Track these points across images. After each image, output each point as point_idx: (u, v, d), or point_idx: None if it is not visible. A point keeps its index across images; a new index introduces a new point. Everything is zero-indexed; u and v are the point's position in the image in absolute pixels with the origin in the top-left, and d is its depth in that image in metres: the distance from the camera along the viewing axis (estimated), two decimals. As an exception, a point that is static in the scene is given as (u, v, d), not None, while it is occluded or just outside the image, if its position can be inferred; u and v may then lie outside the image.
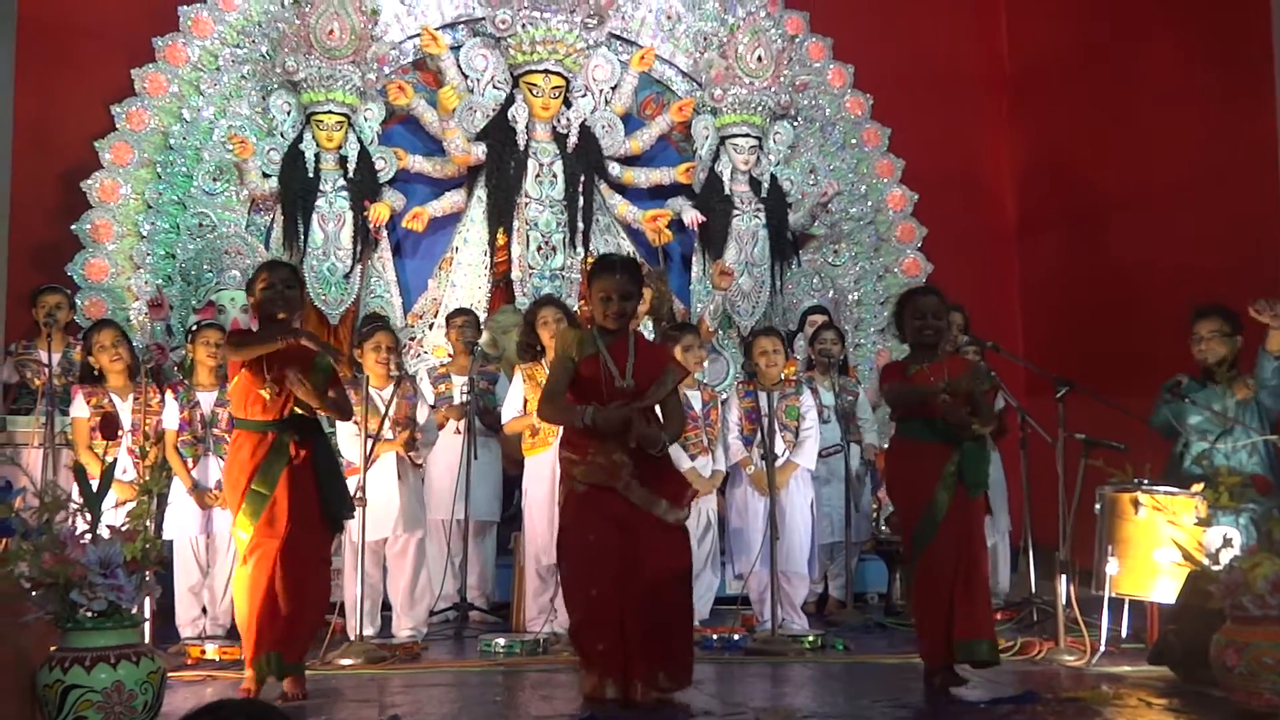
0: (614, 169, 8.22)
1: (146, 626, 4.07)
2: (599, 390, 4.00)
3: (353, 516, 4.57)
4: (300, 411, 4.20)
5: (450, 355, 6.75)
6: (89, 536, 3.27)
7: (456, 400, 6.24)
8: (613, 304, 4.05)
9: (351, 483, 5.10)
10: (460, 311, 6.74)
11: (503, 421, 5.91)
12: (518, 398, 5.82)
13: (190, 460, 5.51)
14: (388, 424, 5.45)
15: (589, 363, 4.04)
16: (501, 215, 7.84)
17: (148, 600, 3.66)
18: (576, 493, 4.02)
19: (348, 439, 5.44)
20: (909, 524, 4.38)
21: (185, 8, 7.74)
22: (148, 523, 3.57)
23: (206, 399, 5.67)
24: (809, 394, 6.10)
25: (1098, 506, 4.97)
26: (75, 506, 3.41)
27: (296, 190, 7.54)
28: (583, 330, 4.20)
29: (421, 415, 5.70)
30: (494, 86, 8.08)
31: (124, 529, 3.34)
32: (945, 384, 4.32)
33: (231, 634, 5.50)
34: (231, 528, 4.16)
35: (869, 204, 8.76)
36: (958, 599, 4.22)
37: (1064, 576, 4.95)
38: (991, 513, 4.61)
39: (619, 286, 4.06)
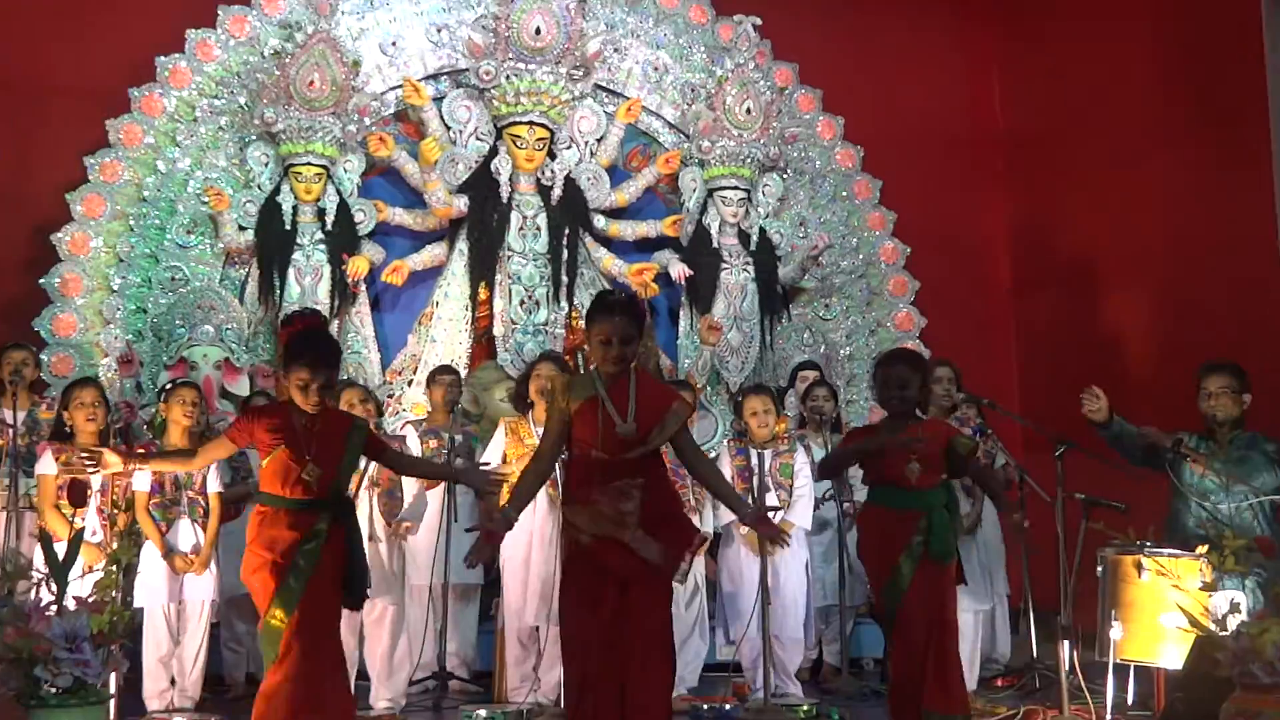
0: (599, 222, 8.27)
1: (112, 703, 4.00)
2: (598, 436, 3.93)
3: (362, 603, 4.37)
4: (340, 488, 4.12)
5: (429, 412, 6.74)
6: (54, 608, 3.21)
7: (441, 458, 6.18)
8: (612, 348, 3.95)
9: None
10: (444, 369, 6.72)
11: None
12: (496, 452, 5.81)
13: (163, 524, 5.46)
14: (365, 483, 5.42)
15: (587, 407, 3.94)
16: (483, 269, 7.86)
17: (114, 675, 3.59)
18: (580, 545, 3.94)
19: None
20: (876, 588, 4.45)
21: (163, 58, 7.79)
22: (115, 593, 3.51)
23: (179, 460, 5.63)
24: (803, 452, 6.11)
25: (1100, 569, 4.95)
26: (39, 576, 3.35)
27: (273, 243, 7.55)
28: (579, 377, 4.14)
29: (409, 488, 5.65)
30: (477, 138, 8.14)
31: (91, 600, 3.28)
32: (906, 442, 4.36)
33: (201, 707, 5.43)
34: (263, 618, 3.98)
35: (860, 257, 8.79)
36: (929, 670, 4.24)
37: (1066, 641, 4.92)
38: (965, 581, 4.61)
39: (619, 329, 3.95)
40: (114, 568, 3.67)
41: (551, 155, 8.09)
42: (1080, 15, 8.51)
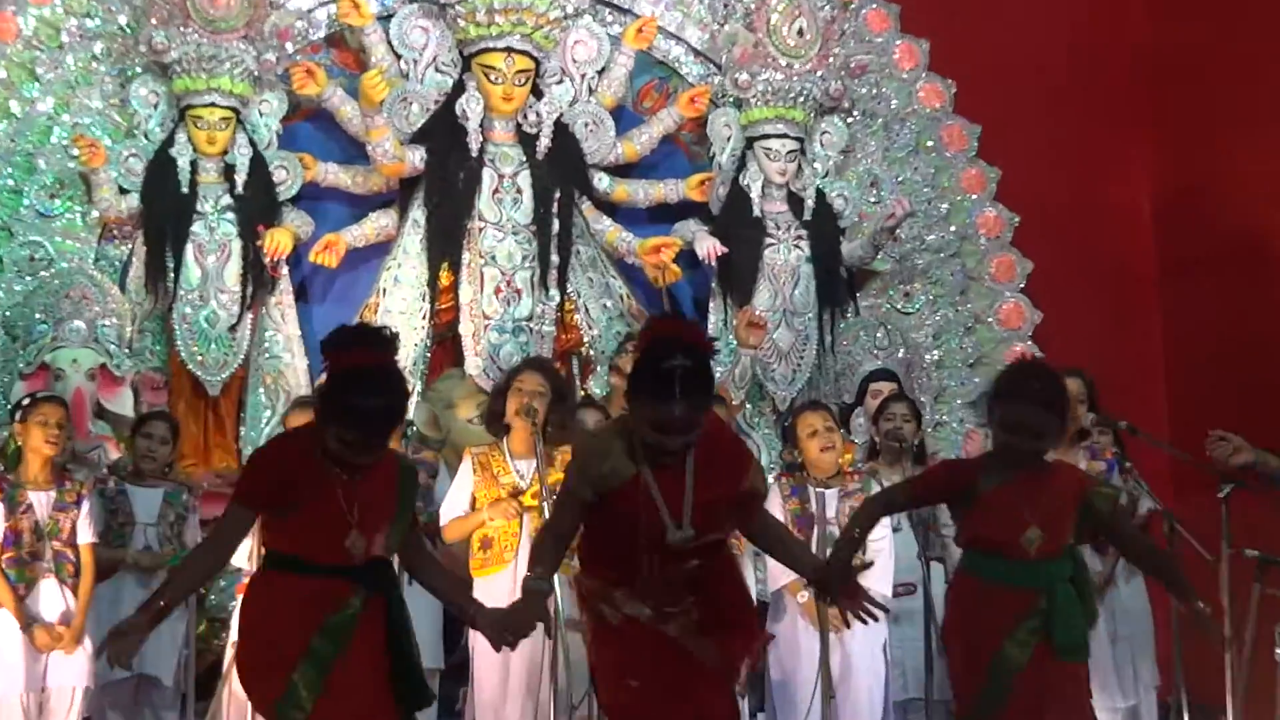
0: (601, 182, 8.26)
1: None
2: (637, 539, 3.94)
3: (430, 704, 4.34)
4: (388, 555, 4.08)
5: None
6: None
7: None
8: (672, 439, 3.90)
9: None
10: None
11: (441, 524, 5.90)
12: (463, 494, 5.83)
13: (21, 586, 5.48)
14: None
15: (624, 491, 3.96)
16: (446, 246, 7.85)
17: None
18: (610, 625, 4.03)
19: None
20: (965, 692, 4.45)
21: (16, -38, 7.81)
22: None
23: (41, 501, 5.65)
24: (879, 490, 6.08)
25: (1279, 651, 4.94)
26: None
27: (165, 211, 7.57)
28: (614, 439, 4.05)
29: None
30: (437, 70, 8.13)
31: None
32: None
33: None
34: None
35: (952, 229, 8.76)
36: None
37: (1234, 749, 4.92)
38: (1116, 669, 4.63)
39: (683, 418, 3.87)
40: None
41: (537, 93, 8.07)
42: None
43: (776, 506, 5.99)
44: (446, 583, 4.45)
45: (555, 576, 4.43)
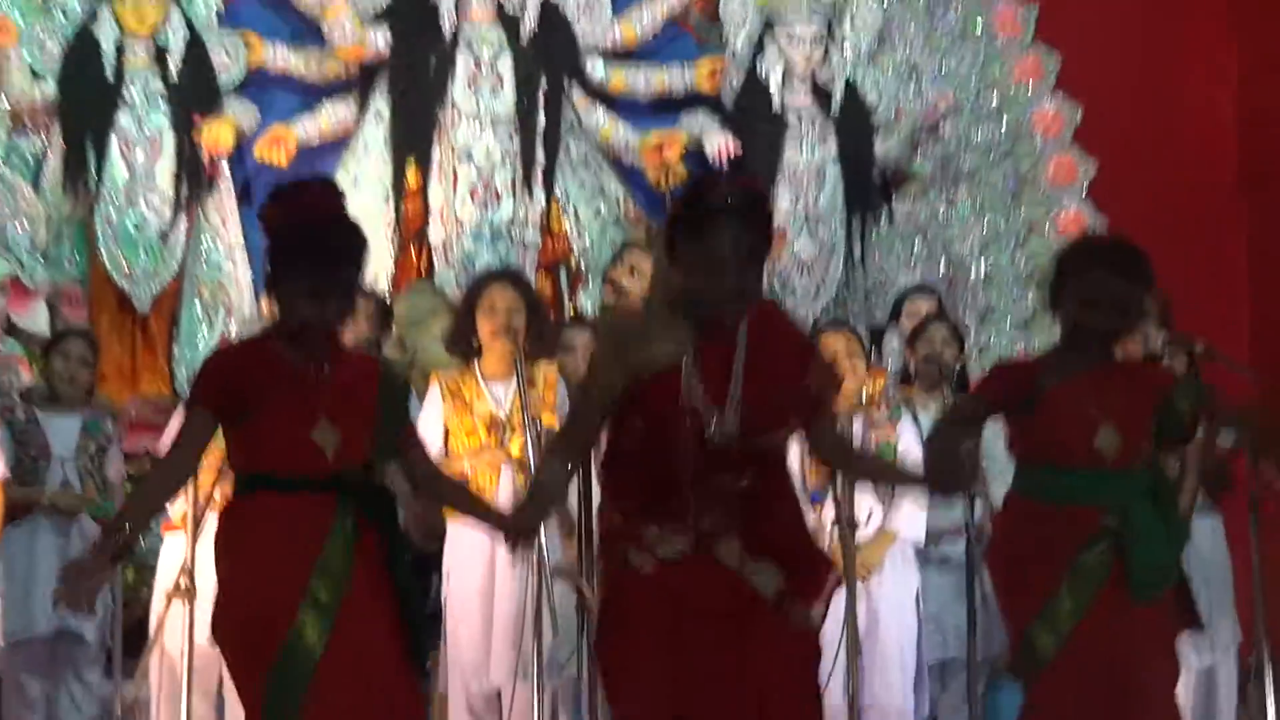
0: (595, 68, 8.28)
1: None
2: (675, 437, 3.77)
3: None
4: (368, 467, 3.97)
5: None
6: None
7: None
8: (726, 279, 3.70)
9: (173, 550, 5.13)
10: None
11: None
12: (433, 426, 5.82)
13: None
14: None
15: (660, 387, 3.79)
16: (414, 141, 7.88)
17: None
18: (636, 574, 3.84)
19: None
20: (1016, 632, 4.33)
21: None
22: None
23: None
24: (910, 423, 6.11)
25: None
26: None
27: (86, 100, 7.57)
28: (654, 317, 3.91)
29: None
30: (405, -64, 8.11)
31: None
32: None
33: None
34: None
35: (1003, 126, 8.75)
36: None
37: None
38: (1200, 623, 4.51)
39: (739, 243, 3.70)
40: None
41: (521, -35, 8.07)
42: None
43: (794, 446, 6.00)
44: (464, 494, 4.59)
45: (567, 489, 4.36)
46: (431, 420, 5.84)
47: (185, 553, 5.08)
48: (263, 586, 3.78)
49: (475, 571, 5.64)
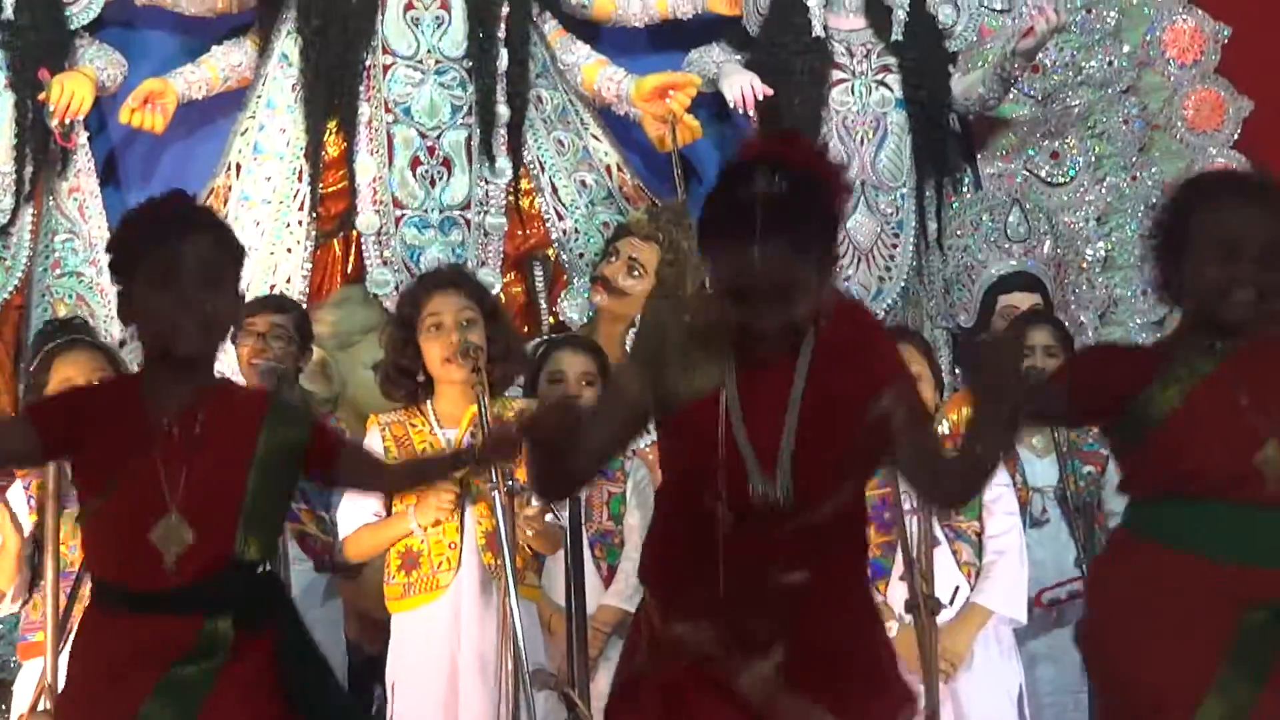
0: (575, -10, 8.31)
1: None
2: (715, 478, 3.84)
3: None
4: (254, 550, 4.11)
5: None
6: None
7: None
8: (755, 282, 3.74)
9: (32, 672, 5.23)
10: (267, 304, 6.76)
11: (341, 536, 6.00)
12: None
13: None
14: None
15: (702, 407, 3.89)
16: (334, 95, 7.88)
17: None
18: (668, 649, 3.96)
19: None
20: None
21: None
22: None
23: None
24: (1002, 468, 6.11)
25: None
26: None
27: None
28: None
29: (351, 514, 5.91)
30: None
31: None
32: None
33: None
34: None
35: (1125, 51, 8.80)
36: None
37: None
38: None
39: (774, 251, 3.72)
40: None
41: None
42: None
43: None
44: (416, 466, 4.98)
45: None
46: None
47: (46, 668, 5.20)
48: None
49: (432, 682, 5.69)
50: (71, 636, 4.64)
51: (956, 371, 7.81)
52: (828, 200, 3.84)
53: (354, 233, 7.89)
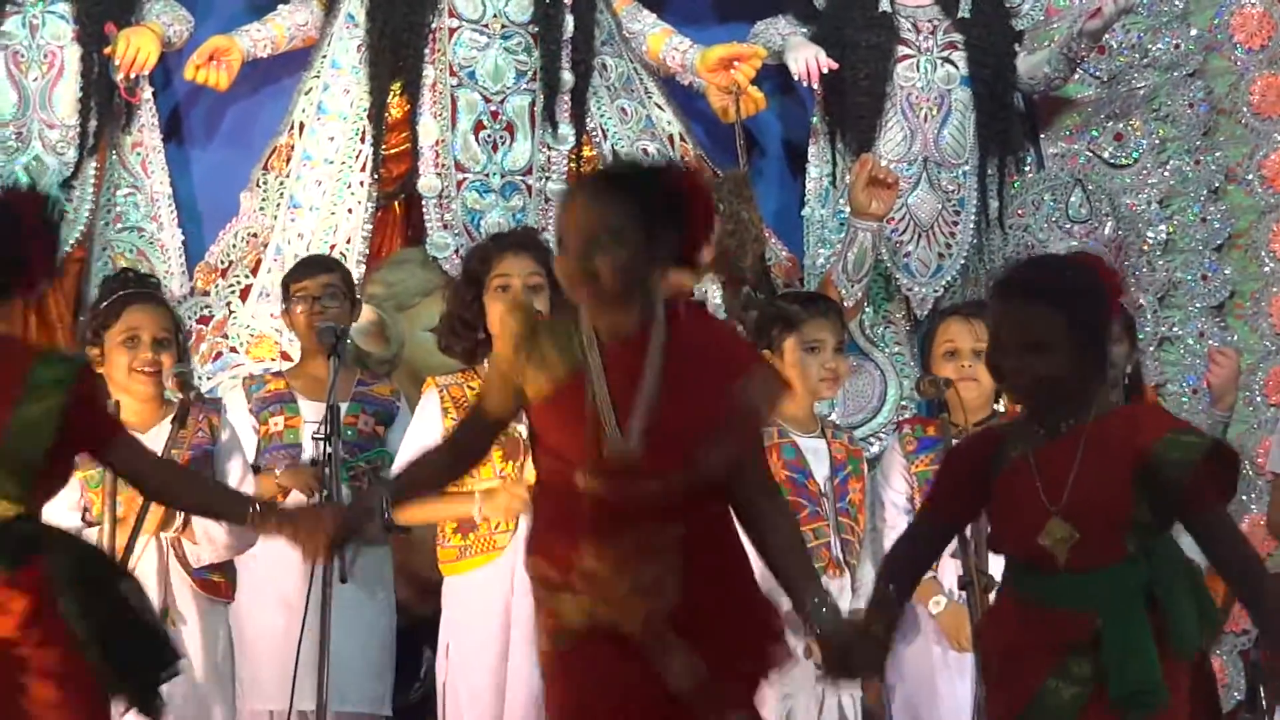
0: (638, -43, 8.31)
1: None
2: (580, 450, 4.06)
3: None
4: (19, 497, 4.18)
5: (285, 357, 6.82)
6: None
7: (307, 454, 6.30)
8: (594, 259, 4.06)
9: None
10: (316, 265, 6.78)
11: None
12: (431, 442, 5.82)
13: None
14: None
15: (563, 391, 4.12)
16: (398, 57, 7.88)
17: None
18: (558, 652, 4.14)
19: None
20: None
21: None
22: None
23: None
24: None
25: None
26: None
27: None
28: (545, 312, 4.34)
29: (228, 473, 5.88)
30: None
31: None
32: None
33: None
34: None
35: (1193, 33, 8.72)
36: None
37: None
38: None
39: (598, 220, 4.09)
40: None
41: None
42: None
43: (898, 472, 6.19)
44: (210, 493, 4.88)
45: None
46: (426, 430, 5.94)
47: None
48: None
49: (486, 644, 5.75)
50: None
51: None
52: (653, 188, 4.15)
53: (415, 195, 7.89)
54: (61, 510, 5.38)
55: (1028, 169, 8.48)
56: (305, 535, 4.31)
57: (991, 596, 5.56)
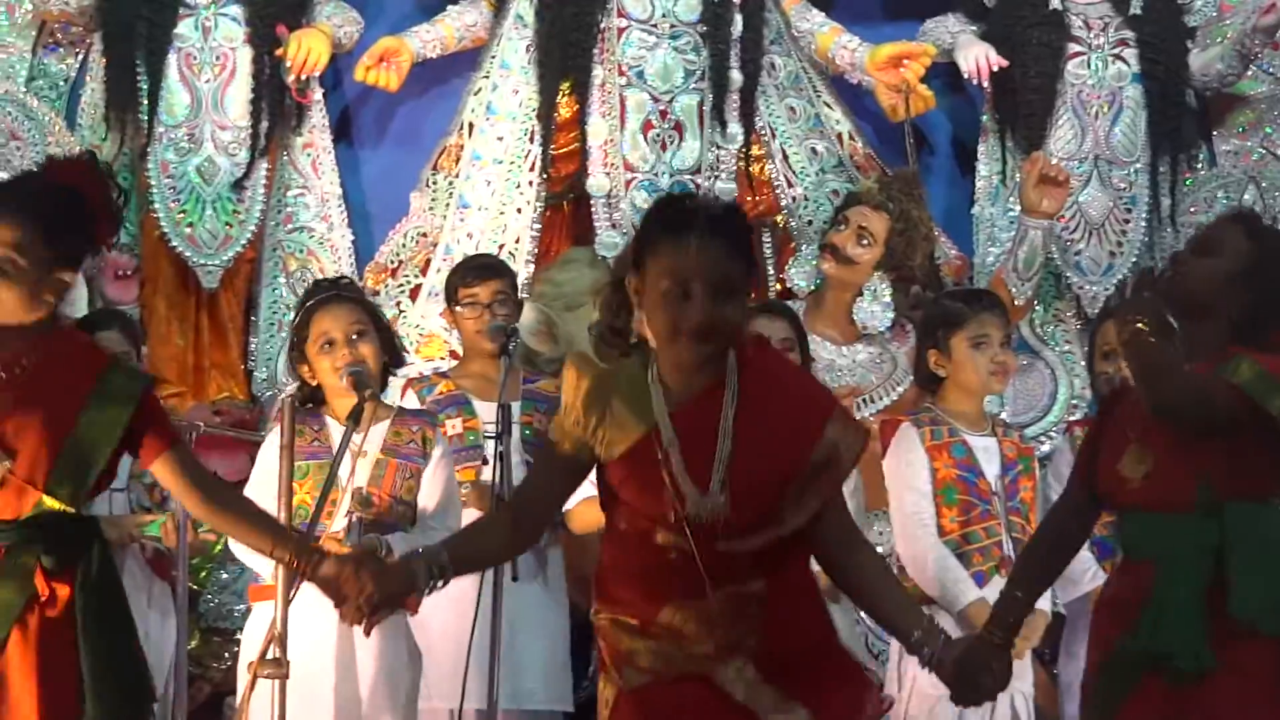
0: (809, -44, 8.28)
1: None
2: (661, 510, 4.01)
3: None
4: (59, 505, 4.23)
5: (455, 356, 6.82)
6: None
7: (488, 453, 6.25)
8: (691, 309, 4.00)
9: (263, 618, 5.28)
10: (485, 266, 6.75)
11: (565, 506, 5.91)
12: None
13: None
14: (346, 505, 5.58)
15: (635, 452, 4.07)
16: (568, 57, 7.89)
17: None
18: (629, 692, 4.10)
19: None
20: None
21: None
22: None
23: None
24: None
25: None
26: None
27: (134, 5, 7.67)
28: (623, 367, 4.23)
29: (431, 495, 5.84)
30: None
31: None
32: None
33: None
34: None
35: (1376, 24, 8.60)
36: None
37: None
38: None
39: (704, 266, 4.00)
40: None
41: None
42: None
43: (1066, 468, 6.02)
44: (253, 524, 4.61)
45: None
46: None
47: (276, 616, 5.19)
48: None
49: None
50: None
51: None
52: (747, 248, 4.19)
53: (583, 195, 7.91)
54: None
55: (1200, 166, 8.41)
56: (345, 597, 4.20)
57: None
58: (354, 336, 5.75)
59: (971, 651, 4.26)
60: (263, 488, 5.52)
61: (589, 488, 5.73)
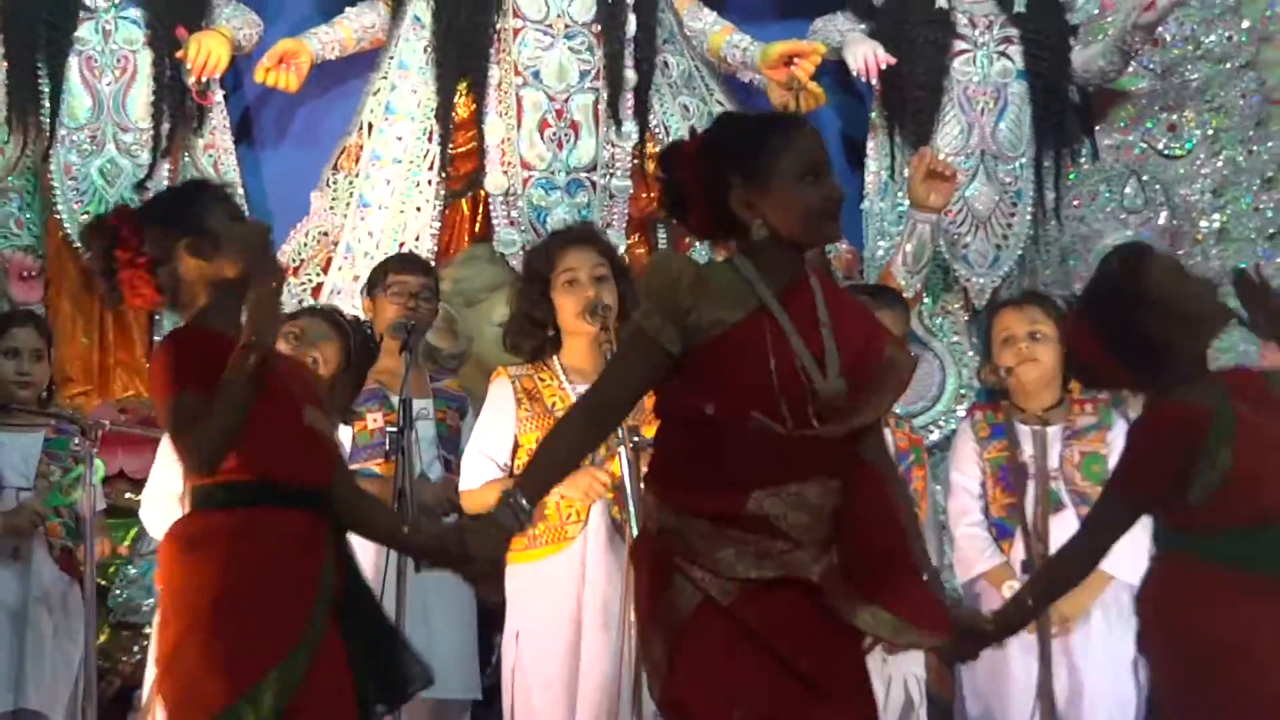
0: (697, -46, 8.31)
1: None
2: (772, 393, 3.94)
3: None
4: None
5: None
6: None
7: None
8: (825, 181, 4.05)
9: None
10: (401, 264, 6.77)
11: (462, 488, 6.00)
12: (500, 440, 5.92)
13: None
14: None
15: (741, 331, 3.99)
16: (465, 57, 7.90)
17: None
18: (719, 607, 3.97)
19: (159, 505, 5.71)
20: None
21: None
22: None
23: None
24: (1123, 431, 5.99)
25: None
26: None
27: (33, 8, 7.66)
28: (714, 264, 4.18)
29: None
30: None
31: None
32: None
33: None
34: None
35: (1245, 25, 8.71)
36: None
37: None
38: None
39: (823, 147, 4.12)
40: None
41: None
42: None
43: (969, 455, 6.13)
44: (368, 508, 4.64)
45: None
46: (498, 433, 5.90)
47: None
48: (258, 599, 4.10)
49: (557, 632, 5.71)
50: None
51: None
52: None
53: (482, 193, 7.93)
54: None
55: (1083, 161, 8.47)
56: (469, 563, 4.19)
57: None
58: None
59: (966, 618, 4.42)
60: None
61: (493, 470, 5.86)
